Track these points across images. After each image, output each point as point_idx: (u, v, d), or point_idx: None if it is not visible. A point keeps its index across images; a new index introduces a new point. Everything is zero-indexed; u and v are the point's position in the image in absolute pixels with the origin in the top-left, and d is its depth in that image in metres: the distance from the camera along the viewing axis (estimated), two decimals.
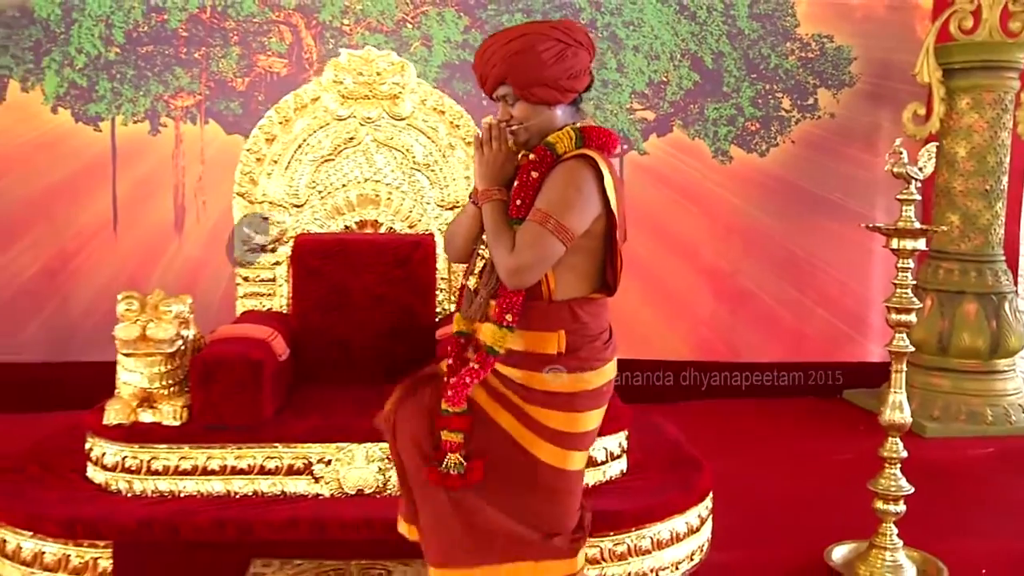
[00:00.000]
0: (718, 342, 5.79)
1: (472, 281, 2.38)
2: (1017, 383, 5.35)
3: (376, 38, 5.28)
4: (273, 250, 3.70)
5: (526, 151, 2.33)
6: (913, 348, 3.18)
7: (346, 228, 3.73)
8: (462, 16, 5.36)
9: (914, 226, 3.02)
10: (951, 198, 5.31)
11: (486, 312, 2.29)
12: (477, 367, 2.25)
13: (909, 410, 3.15)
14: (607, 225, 2.27)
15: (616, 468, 3.11)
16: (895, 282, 3.10)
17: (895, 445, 3.16)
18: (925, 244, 3.10)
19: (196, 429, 2.94)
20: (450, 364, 2.35)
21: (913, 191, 3.05)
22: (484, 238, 2.33)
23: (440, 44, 5.32)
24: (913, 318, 3.11)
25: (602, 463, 3.05)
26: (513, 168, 2.33)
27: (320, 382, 3.39)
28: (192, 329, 3.08)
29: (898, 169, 3.03)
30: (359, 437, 2.94)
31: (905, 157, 3.03)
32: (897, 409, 3.13)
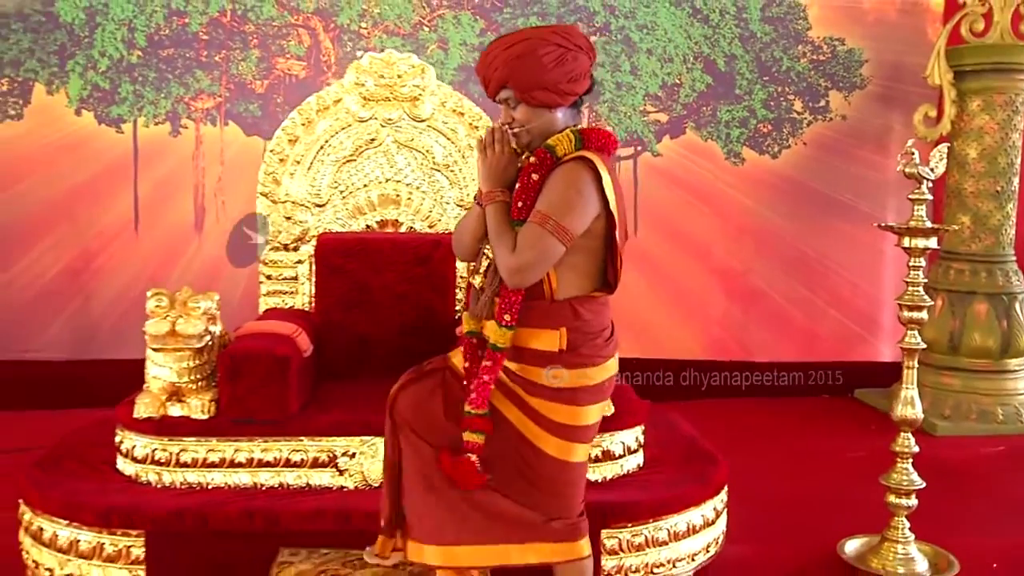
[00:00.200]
0: (730, 341, 5.85)
1: (478, 280, 2.46)
2: None
3: (393, 41, 5.36)
4: (295, 249, 3.76)
5: (528, 153, 2.39)
6: (924, 345, 3.24)
7: (367, 227, 3.80)
8: (478, 19, 5.43)
9: (925, 225, 3.08)
10: (962, 199, 5.36)
11: (491, 310, 2.37)
12: (490, 364, 2.34)
13: (920, 406, 3.21)
14: (607, 225, 2.34)
15: (633, 462, 3.17)
16: (907, 280, 3.16)
17: (907, 440, 3.22)
18: (936, 243, 3.16)
19: (223, 422, 3.01)
20: (467, 367, 2.42)
21: (924, 191, 3.11)
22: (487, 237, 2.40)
23: (456, 47, 5.40)
24: (925, 315, 3.17)
25: (619, 457, 3.11)
26: (515, 170, 2.39)
27: (342, 378, 3.46)
28: (219, 325, 3.15)
29: (910, 169, 3.09)
30: (382, 431, 2.99)
31: (917, 158, 3.10)
32: (909, 405, 3.19)
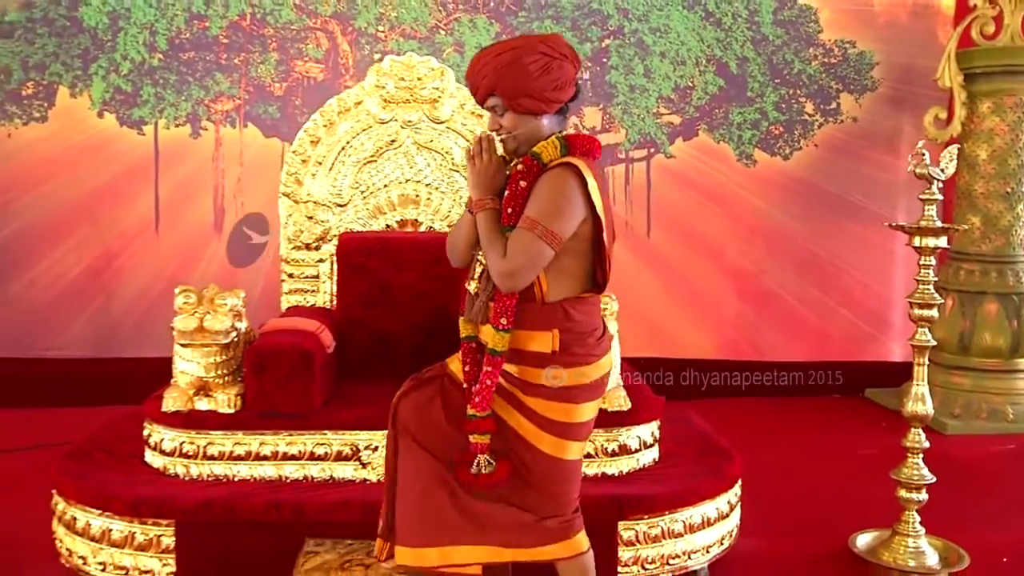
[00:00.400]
0: (743, 342, 5.91)
1: (472, 285, 2.51)
2: None
3: (410, 44, 5.45)
4: (317, 248, 3.84)
5: (515, 159, 2.46)
6: (935, 343, 3.30)
7: (387, 227, 3.87)
8: (493, 23, 5.51)
9: (936, 225, 3.15)
10: (972, 200, 5.41)
11: (486, 314, 2.44)
12: (490, 369, 2.40)
13: (931, 402, 3.27)
14: (593, 228, 2.40)
15: (649, 456, 3.23)
16: (917, 279, 3.23)
17: (917, 436, 3.28)
18: (947, 242, 3.22)
19: (249, 416, 3.08)
20: (466, 371, 2.49)
21: (935, 191, 3.17)
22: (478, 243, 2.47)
23: (472, 50, 5.47)
24: (935, 313, 3.23)
25: (636, 451, 3.17)
26: (504, 177, 2.46)
27: (363, 374, 3.52)
28: (244, 322, 3.23)
29: (920, 170, 3.15)
30: None
31: (927, 159, 3.16)
32: (919, 401, 3.26)
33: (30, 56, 5.24)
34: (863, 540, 3.45)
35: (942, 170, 3.17)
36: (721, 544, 3.15)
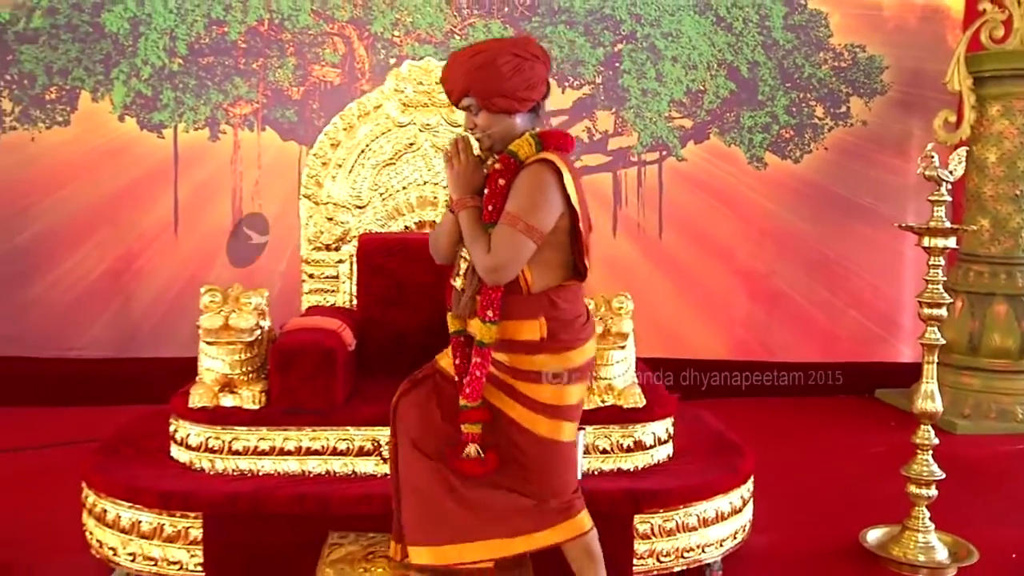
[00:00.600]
0: (753, 342, 5.97)
1: (458, 282, 2.61)
2: None
3: (425, 49, 5.53)
4: (337, 248, 3.92)
5: (492, 157, 2.56)
6: (944, 341, 3.36)
7: (406, 228, 3.95)
8: (507, 27, 5.59)
9: (944, 225, 3.21)
10: (981, 202, 5.46)
11: (473, 308, 2.54)
12: (479, 360, 2.51)
13: (940, 399, 3.33)
14: (571, 220, 2.50)
15: (663, 452, 3.30)
16: (926, 278, 3.30)
17: (927, 432, 3.35)
18: (955, 243, 3.29)
19: (273, 412, 3.15)
20: (457, 364, 2.61)
21: (944, 193, 3.24)
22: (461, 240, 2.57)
23: None
24: (944, 312, 3.30)
25: (651, 447, 3.24)
26: (482, 176, 2.56)
27: (382, 372, 3.58)
28: (268, 320, 3.31)
29: (930, 172, 3.22)
30: None
31: (936, 161, 3.23)
32: (929, 398, 3.33)
33: (54, 61, 5.34)
34: (873, 535, 3.51)
35: (951, 172, 3.24)
36: (734, 538, 3.21)
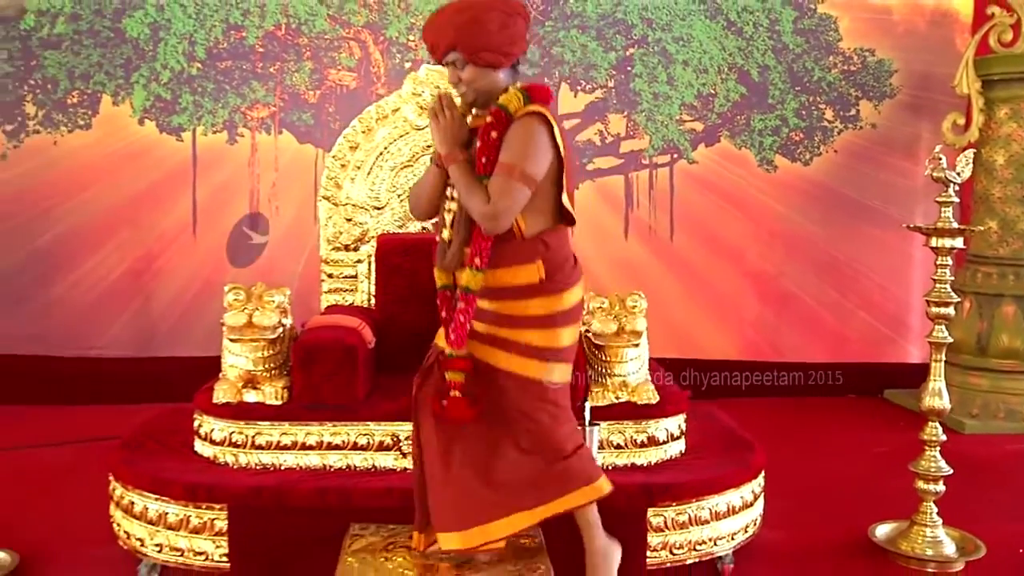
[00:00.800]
0: (763, 343, 6.02)
1: (446, 233, 2.68)
2: None
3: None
4: (355, 249, 4.00)
5: (473, 112, 2.66)
6: (951, 339, 3.43)
7: (423, 229, 4.03)
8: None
9: (952, 226, 3.28)
10: (989, 204, 5.52)
11: (460, 259, 2.63)
12: (463, 306, 2.60)
13: (947, 396, 3.40)
14: (558, 168, 2.61)
15: (676, 448, 3.37)
16: (934, 278, 3.36)
17: (935, 429, 3.42)
18: (963, 243, 3.36)
19: (295, 408, 3.24)
20: (443, 317, 2.70)
21: (951, 194, 3.31)
22: (450, 194, 2.66)
23: None
24: (952, 311, 3.37)
25: (664, 443, 3.32)
26: (466, 130, 2.65)
27: (401, 369, 3.63)
28: (290, 318, 3.39)
29: (937, 173, 3.29)
30: None
31: (944, 162, 3.30)
32: (936, 396, 3.39)
33: (76, 66, 5.44)
34: (882, 530, 3.58)
35: (958, 174, 3.30)
36: (746, 532, 3.28)
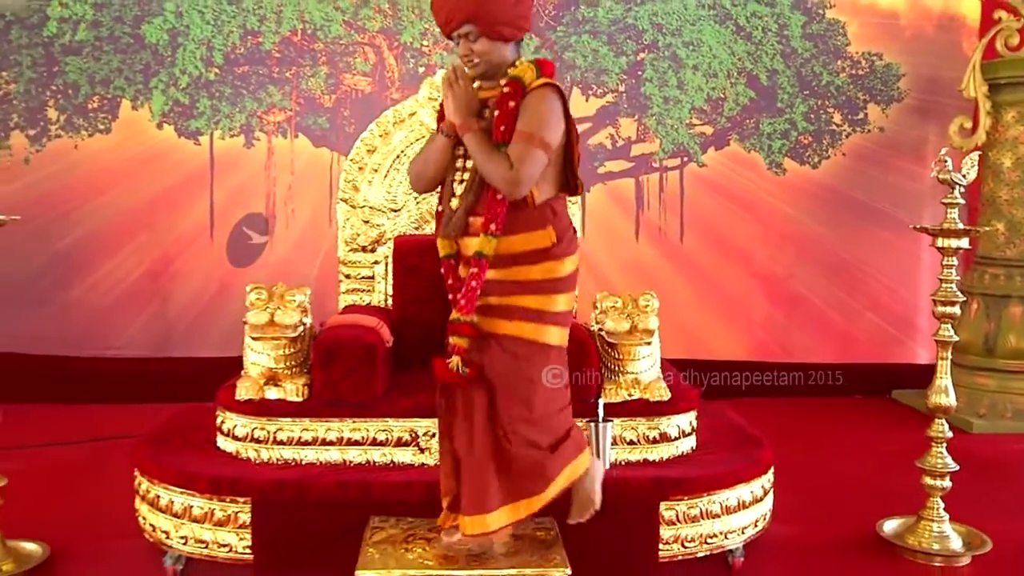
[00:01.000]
0: (772, 343, 6.09)
1: (455, 203, 2.76)
2: None
3: (453, 58, 5.69)
4: (372, 250, 4.09)
5: (482, 82, 2.75)
6: (957, 338, 3.49)
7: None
8: (533, 37, 5.75)
9: (957, 227, 3.35)
10: (997, 206, 5.58)
11: (464, 226, 2.72)
12: (476, 271, 2.68)
13: (953, 394, 3.47)
14: (568, 139, 2.73)
15: (687, 444, 3.44)
16: (940, 278, 3.43)
17: (941, 426, 3.48)
18: (968, 244, 3.43)
19: (315, 405, 3.31)
20: (449, 284, 2.79)
21: (957, 195, 3.38)
22: (462, 164, 2.75)
23: None
24: (957, 311, 3.44)
25: (675, 439, 3.39)
26: (478, 101, 2.74)
27: (418, 368, 3.73)
28: (310, 317, 3.47)
29: (943, 175, 3.36)
30: None
31: (950, 164, 3.37)
32: (943, 393, 3.46)
33: (96, 72, 5.54)
34: (890, 526, 3.64)
35: (964, 176, 3.37)
36: (756, 526, 3.35)
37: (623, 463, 3.30)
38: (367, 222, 4.08)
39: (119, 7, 5.51)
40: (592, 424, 3.24)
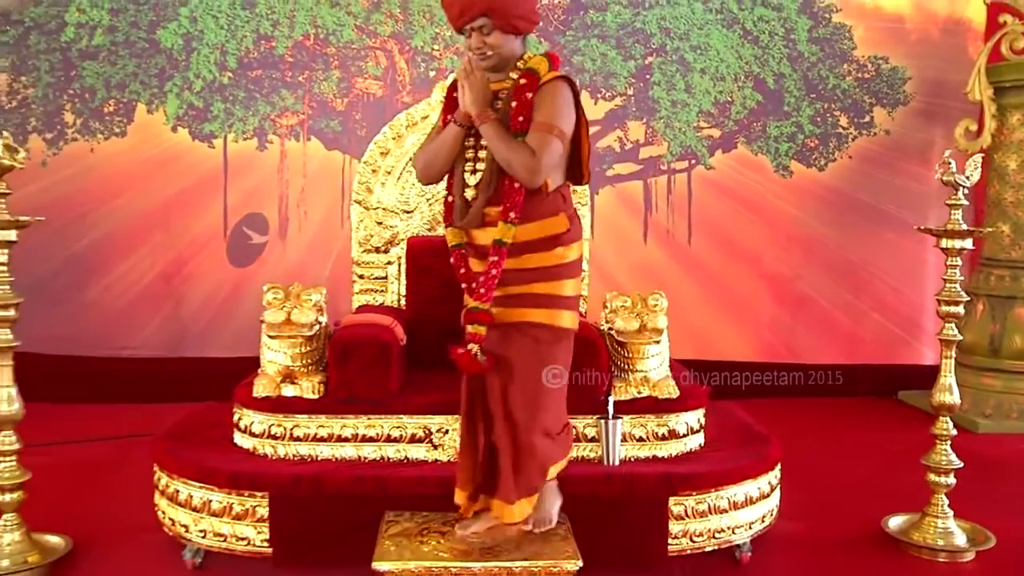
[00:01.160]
0: (779, 344, 6.14)
1: (470, 193, 2.83)
2: None
3: (463, 61, 5.75)
4: (386, 251, 4.16)
5: (491, 74, 2.81)
6: (960, 337, 3.55)
7: None
8: (542, 42, 5.82)
9: (961, 228, 3.41)
10: (1002, 208, 5.63)
11: (482, 217, 2.79)
12: (496, 259, 2.75)
13: (957, 392, 3.52)
14: (578, 129, 2.82)
15: (695, 441, 3.51)
16: (944, 278, 3.50)
17: (945, 424, 3.54)
18: (972, 244, 3.49)
19: (331, 402, 3.38)
20: (463, 273, 2.86)
21: (960, 197, 3.44)
22: (474, 155, 2.81)
23: None
24: (961, 310, 3.50)
25: (684, 435, 3.45)
26: (491, 92, 2.79)
27: (431, 366, 3.79)
28: (326, 316, 3.54)
29: (947, 177, 3.42)
30: None
31: (953, 166, 3.43)
32: (947, 391, 3.52)
33: (112, 76, 5.63)
34: (895, 522, 3.69)
35: (967, 177, 3.43)
36: (763, 521, 3.41)
37: (633, 459, 3.37)
38: (380, 223, 4.15)
39: (135, 12, 5.60)
40: (602, 421, 3.30)
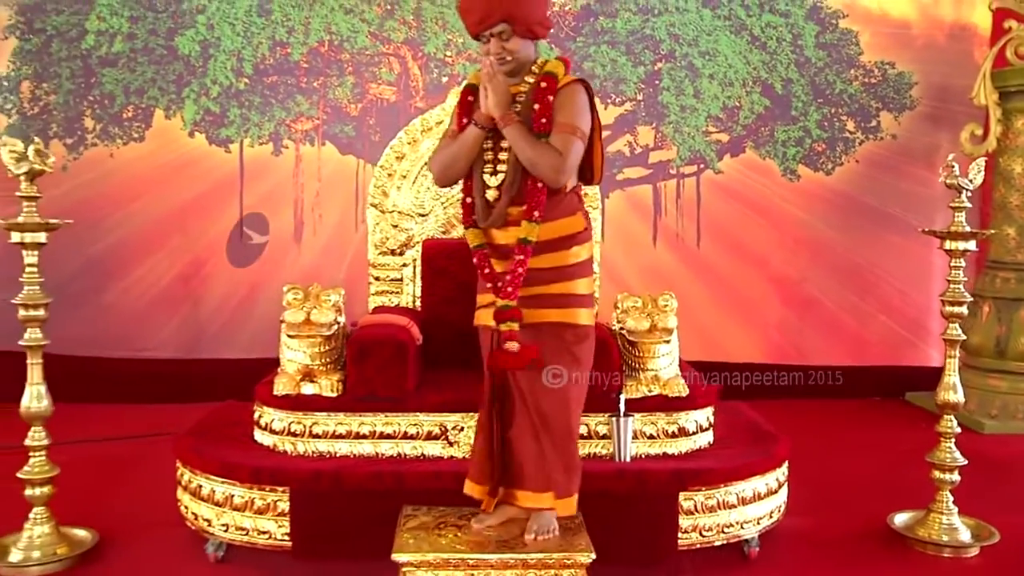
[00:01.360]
0: (787, 346, 6.21)
1: (491, 194, 2.90)
2: None
3: (475, 67, 5.83)
4: (401, 253, 4.24)
5: (509, 79, 2.88)
6: (964, 337, 3.63)
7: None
8: (553, 48, 5.91)
9: (965, 230, 3.49)
10: (1008, 212, 5.70)
11: (505, 217, 2.88)
12: (522, 257, 2.84)
13: (961, 391, 3.60)
14: (592, 132, 2.92)
15: (704, 438, 3.58)
16: (948, 279, 3.58)
17: (950, 422, 3.61)
18: (975, 246, 3.57)
19: (349, 400, 3.46)
20: (487, 273, 2.92)
21: (964, 200, 3.52)
22: (494, 157, 2.87)
23: None
24: (965, 310, 3.58)
25: (693, 433, 3.53)
26: (511, 93, 2.87)
27: (446, 366, 3.89)
28: (344, 316, 3.62)
29: (951, 180, 3.51)
30: None
31: (957, 170, 3.51)
32: (951, 390, 3.59)
33: (131, 82, 5.74)
34: (900, 519, 3.77)
35: (971, 180, 3.51)
36: (771, 517, 3.49)
37: (644, 456, 3.45)
38: (396, 226, 4.24)
39: (153, 20, 5.71)
40: (613, 419, 3.38)
